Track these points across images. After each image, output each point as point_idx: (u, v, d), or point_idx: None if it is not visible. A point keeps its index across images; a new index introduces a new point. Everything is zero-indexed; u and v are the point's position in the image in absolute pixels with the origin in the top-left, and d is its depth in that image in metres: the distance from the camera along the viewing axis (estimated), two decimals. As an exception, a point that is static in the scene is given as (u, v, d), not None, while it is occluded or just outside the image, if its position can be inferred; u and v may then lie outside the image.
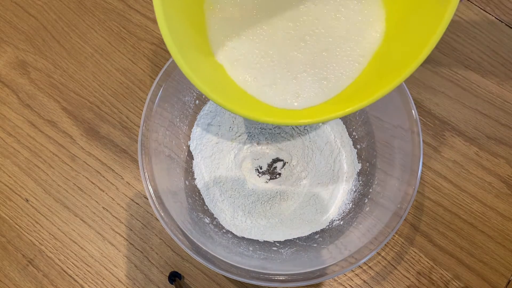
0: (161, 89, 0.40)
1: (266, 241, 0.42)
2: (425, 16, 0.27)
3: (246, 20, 0.32)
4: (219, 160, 0.45)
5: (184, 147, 0.45)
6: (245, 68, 0.31)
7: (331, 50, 0.31)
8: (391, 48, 0.30)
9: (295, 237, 0.43)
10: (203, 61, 0.30)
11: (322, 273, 0.36)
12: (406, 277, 0.43)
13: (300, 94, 0.31)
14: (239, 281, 0.42)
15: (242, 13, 0.32)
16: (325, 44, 0.31)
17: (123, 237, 0.44)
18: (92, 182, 0.45)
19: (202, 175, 0.45)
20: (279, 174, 0.46)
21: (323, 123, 0.46)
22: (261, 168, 0.46)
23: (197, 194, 0.44)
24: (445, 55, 0.50)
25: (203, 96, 0.45)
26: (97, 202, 0.45)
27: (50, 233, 0.44)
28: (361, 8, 0.31)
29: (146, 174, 0.38)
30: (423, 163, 0.41)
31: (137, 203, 0.45)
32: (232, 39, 0.32)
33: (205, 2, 0.31)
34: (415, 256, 0.43)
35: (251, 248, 0.41)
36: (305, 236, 0.43)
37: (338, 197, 0.44)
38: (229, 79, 0.31)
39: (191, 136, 0.45)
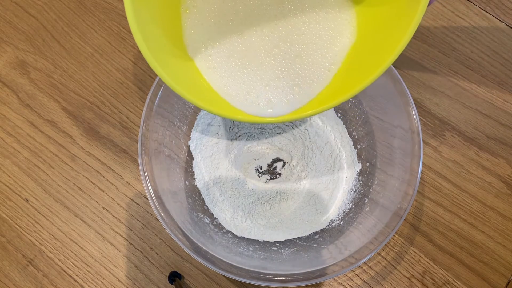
0: (161, 89, 0.40)
1: (266, 241, 0.42)
2: (395, 22, 0.28)
3: (222, 26, 0.32)
4: (219, 160, 0.45)
5: (184, 147, 0.45)
6: (220, 75, 0.31)
7: (304, 56, 0.31)
8: (362, 52, 0.31)
9: (295, 237, 0.43)
10: (178, 62, 0.30)
11: (322, 273, 0.36)
12: (406, 277, 0.43)
13: (272, 101, 0.31)
14: (239, 281, 0.42)
15: (218, 18, 0.32)
16: (298, 51, 0.31)
17: (123, 237, 0.44)
18: (92, 182, 0.45)
19: (202, 175, 0.45)
20: (279, 174, 0.46)
21: (292, 122, 0.47)
22: (261, 168, 0.46)
23: (197, 194, 0.44)
24: (445, 55, 0.50)
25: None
26: (97, 202, 0.45)
27: (50, 233, 0.44)
28: (334, 15, 0.32)
29: (146, 174, 0.38)
30: (423, 163, 0.41)
31: (137, 203, 0.45)
32: (208, 45, 0.31)
33: (182, 6, 0.31)
34: (415, 256, 0.43)
35: (251, 248, 0.41)
36: (305, 236, 0.43)
37: (338, 197, 0.44)
38: (204, 80, 0.31)
39: (191, 136, 0.45)
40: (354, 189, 0.44)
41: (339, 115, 0.47)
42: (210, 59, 0.31)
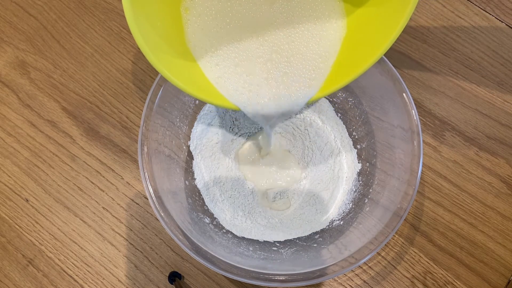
0: (161, 89, 0.40)
1: (266, 241, 0.42)
2: (386, 19, 0.28)
3: (221, 30, 0.32)
4: (219, 160, 0.45)
5: (184, 147, 0.45)
6: (233, 88, 0.31)
7: (289, 74, 0.32)
8: (355, 45, 0.31)
9: (295, 237, 0.43)
10: (178, 58, 0.30)
11: (322, 273, 0.36)
12: (406, 277, 0.43)
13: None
14: (239, 281, 0.42)
15: (216, 22, 0.32)
16: (285, 67, 0.32)
17: (123, 237, 0.44)
18: (92, 182, 0.45)
19: (202, 175, 0.45)
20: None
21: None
22: (261, 168, 0.46)
23: (197, 194, 0.44)
24: (445, 55, 0.50)
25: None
26: (97, 202, 0.45)
27: (50, 233, 0.44)
28: (323, 19, 0.32)
29: (146, 174, 0.38)
30: (423, 163, 0.41)
31: (137, 203, 0.45)
32: (211, 52, 0.31)
33: (181, 6, 0.31)
34: (415, 256, 0.43)
35: (251, 248, 0.41)
36: (305, 236, 0.43)
37: (338, 197, 0.44)
38: (207, 82, 0.31)
39: (191, 136, 0.45)
40: (354, 189, 0.44)
41: (339, 115, 0.47)
42: (218, 69, 0.31)
